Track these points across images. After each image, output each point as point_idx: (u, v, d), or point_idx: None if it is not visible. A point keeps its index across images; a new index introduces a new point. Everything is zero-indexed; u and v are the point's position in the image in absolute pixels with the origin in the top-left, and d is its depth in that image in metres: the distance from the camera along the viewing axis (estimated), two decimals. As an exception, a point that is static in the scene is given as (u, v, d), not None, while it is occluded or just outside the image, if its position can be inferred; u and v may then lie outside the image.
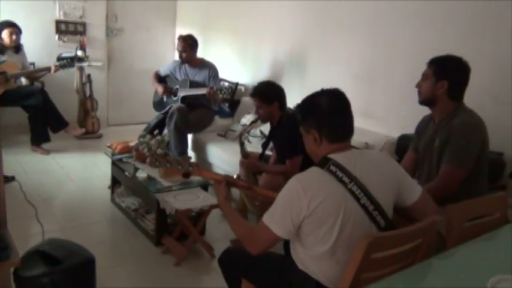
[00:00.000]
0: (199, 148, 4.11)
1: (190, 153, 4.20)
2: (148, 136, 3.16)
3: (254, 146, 4.00)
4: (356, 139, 3.28)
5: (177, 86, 4.25)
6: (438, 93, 2.17)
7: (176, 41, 4.23)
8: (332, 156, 1.54)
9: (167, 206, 2.68)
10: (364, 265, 1.37)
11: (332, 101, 1.59)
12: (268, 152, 3.32)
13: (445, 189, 2.08)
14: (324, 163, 1.52)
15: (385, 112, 3.54)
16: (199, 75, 4.21)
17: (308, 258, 1.56)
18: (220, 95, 3.85)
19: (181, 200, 2.71)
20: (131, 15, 5.70)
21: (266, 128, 4.02)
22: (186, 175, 1.92)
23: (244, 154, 3.10)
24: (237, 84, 4.86)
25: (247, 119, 4.22)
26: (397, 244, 1.46)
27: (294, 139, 2.96)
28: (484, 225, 1.78)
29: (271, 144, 3.27)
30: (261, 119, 3.06)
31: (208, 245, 2.83)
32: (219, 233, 3.14)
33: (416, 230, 1.47)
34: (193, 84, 4.14)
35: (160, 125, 4.50)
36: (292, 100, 4.26)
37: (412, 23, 3.28)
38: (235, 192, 3.33)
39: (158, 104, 4.44)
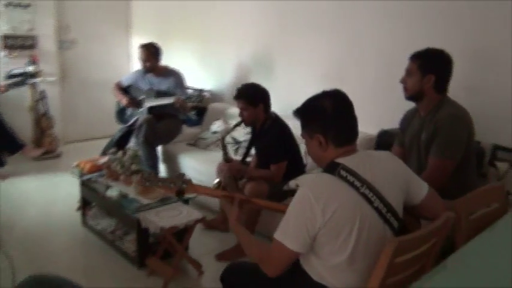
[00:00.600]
0: (170, 160, 3.95)
1: (161, 165, 4.02)
2: (120, 152, 2.97)
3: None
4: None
5: (143, 97, 4.07)
6: (425, 88, 2.16)
7: (138, 50, 4.03)
8: (340, 160, 1.47)
9: (151, 225, 2.52)
10: (389, 270, 1.31)
11: (336, 103, 1.52)
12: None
13: (435, 182, 2.06)
14: (333, 168, 1.45)
15: (358, 110, 3.51)
16: (165, 84, 4.04)
17: (324, 269, 1.48)
18: (190, 103, 3.71)
19: (165, 217, 2.56)
20: (84, 26, 5.43)
21: (239, 134, 3.94)
22: (180, 193, 1.79)
23: (227, 158, 3.00)
24: (201, 90, 4.73)
25: (217, 126, 4.11)
26: (418, 245, 1.40)
27: (280, 144, 2.90)
28: (485, 217, 1.77)
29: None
30: (246, 121, 2.97)
31: (196, 261, 2.69)
32: (203, 248, 3.01)
33: (435, 228, 1.43)
34: (160, 94, 3.97)
35: (124, 138, 4.33)
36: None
37: (379, 19, 3.29)
38: (215, 202, 3.22)
39: (122, 117, 4.24)
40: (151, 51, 3.98)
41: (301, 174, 2.94)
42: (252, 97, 2.91)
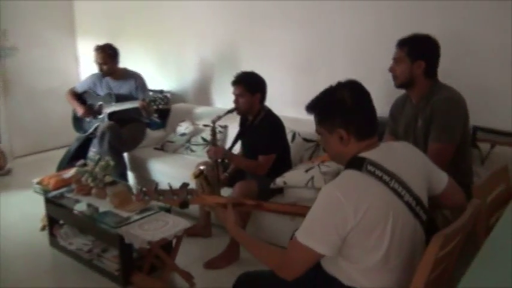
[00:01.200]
0: (139, 166, 3.72)
1: (129, 173, 3.78)
2: (91, 164, 2.73)
3: (198, 154, 3.74)
4: (311, 132, 3.22)
5: (101, 103, 3.80)
6: (415, 74, 2.13)
7: (93, 52, 3.75)
8: (364, 154, 1.38)
9: (136, 239, 2.32)
10: (434, 266, 1.24)
11: (355, 94, 1.42)
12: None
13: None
14: (359, 164, 1.36)
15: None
16: (125, 87, 3.79)
17: (356, 271, 1.38)
18: (155, 106, 3.50)
19: (151, 230, 2.37)
20: (23, 30, 4.98)
21: (207, 134, 3.78)
22: (184, 205, 1.62)
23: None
24: (161, 91, 4.51)
25: (184, 128, 3.93)
26: (455, 237, 1.34)
27: (273, 136, 2.81)
28: (497, 200, 1.76)
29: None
30: (241, 109, 2.87)
31: (186, 273, 2.52)
32: (188, 257, 2.82)
33: (470, 217, 1.37)
34: (120, 98, 3.72)
35: (83, 148, 4.04)
36: (229, 99, 4.08)
37: (348, 7, 3.24)
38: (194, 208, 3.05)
39: (80, 125, 3.95)
40: (108, 53, 3.71)
41: (287, 171, 2.85)
42: (251, 84, 2.83)
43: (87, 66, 5.55)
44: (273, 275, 1.62)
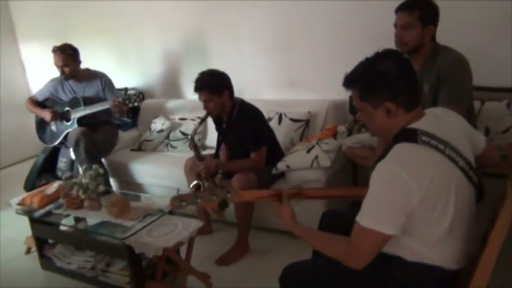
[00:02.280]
0: (120, 171, 3.50)
1: (111, 179, 3.56)
2: (81, 174, 2.52)
3: (180, 149, 3.59)
4: (297, 111, 3.18)
5: (67, 108, 3.52)
6: (425, 40, 2.10)
7: (53, 55, 3.45)
8: (414, 125, 1.34)
9: (149, 248, 2.17)
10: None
11: (399, 64, 1.36)
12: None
13: None
14: (413, 136, 1.30)
15: (311, 78, 3.43)
16: (90, 89, 3.54)
17: (421, 246, 1.34)
18: (130, 104, 3.29)
19: (162, 236, 2.23)
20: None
21: (187, 128, 3.64)
22: (224, 205, 1.50)
23: (200, 157, 2.70)
24: (126, 89, 4.28)
25: (161, 124, 3.75)
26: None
27: (257, 129, 2.69)
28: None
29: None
30: (213, 113, 2.69)
31: (204, 274, 2.41)
32: (196, 257, 2.67)
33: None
34: (87, 101, 3.47)
35: (51, 159, 3.77)
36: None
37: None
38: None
39: (47, 135, 3.66)
40: (69, 54, 3.43)
41: (282, 156, 2.77)
42: (215, 85, 2.62)
43: (35, 72, 5.19)
44: (322, 265, 1.57)
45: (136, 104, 3.30)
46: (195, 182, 2.63)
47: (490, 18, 2.68)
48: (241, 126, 2.67)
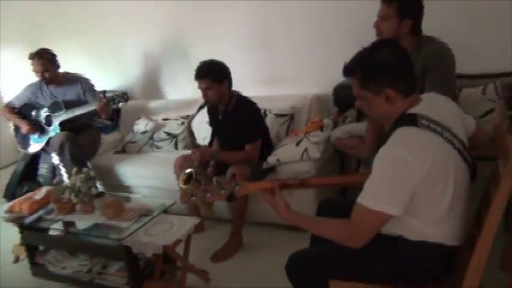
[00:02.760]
0: (106, 174, 3.47)
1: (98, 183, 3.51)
2: (73, 177, 2.49)
3: (165, 150, 3.59)
4: (281, 106, 3.23)
5: (48, 113, 3.46)
6: (401, 32, 2.17)
7: (31, 61, 3.38)
8: (413, 110, 1.41)
9: (147, 247, 2.18)
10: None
11: (397, 51, 1.42)
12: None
13: None
14: (413, 120, 1.37)
15: (292, 73, 3.49)
16: (71, 93, 3.49)
17: (424, 225, 1.41)
18: (114, 106, 3.26)
19: (160, 234, 2.24)
20: None
21: (171, 128, 3.64)
22: (231, 198, 1.53)
23: (196, 145, 2.74)
24: (104, 92, 4.21)
25: (144, 125, 3.73)
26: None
27: (253, 122, 2.73)
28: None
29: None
30: (211, 101, 2.72)
31: (202, 270, 2.43)
32: (191, 255, 2.71)
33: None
34: (69, 105, 3.41)
35: (31, 166, 3.70)
36: (183, 88, 3.95)
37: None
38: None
39: (28, 141, 3.58)
40: (47, 59, 3.38)
41: (272, 150, 2.82)
42: (216, 74, 2.67)
43: (6, 78, 5.06)
44: (326, 250, 1.62)
45: (120, 104, 3.27)
46: (188, 170, 2.62)
47: (465, 6, 2.78)
48: (238, 118, 2.72)
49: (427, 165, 1.32)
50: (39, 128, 3.49)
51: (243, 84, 3.63)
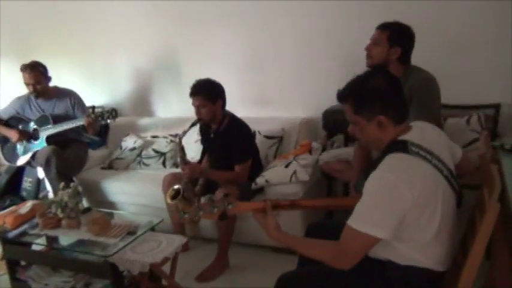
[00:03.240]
0: (92, 190, 3.43)
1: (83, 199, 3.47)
2: (60, 192, 2.47)
3: (153, 167, 3.58)
4: (271, 128, 3.27)
5: (35, 127, 3.44)
6: (390, 59, 2.25)
7: (22, 73, 3.37)
8: (404, 137, 1.46)
9: (134, 265, 2.16)
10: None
11: (389, 80, 1.48)
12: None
13: None
14: (403, 146, 1.42)
15: (282, 96, 3.55)
16: (59, 107, 3.48)
17: (412, 249, 1.45)
18: (102, 122, 3.26)
19: (147, 252, 2.23)
20: None
21: (159, 146, 3.65)
22: (223, 217, 1.54)
23: (186, 161, 2.76)
24: (93, 107, 4.20)
25: (133, 142, 3.73)
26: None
27: (244, 142, 2.76)
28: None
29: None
30: (204, 119, 2.75)
31: (187, 289, 2.42)
32: (176, 273, 2.69)
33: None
34: (56, 119, 3.40)
35: (14, 180, 3.65)
36: (172, 107, 3.97)
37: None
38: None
39: (13, 154, 3.54)
40: (39, 72, 3.38)
41: (261, 171, 2.85)
42: (210, 93, 2.72)
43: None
44: (316, 271, 1.64)
45: (109, 120, 3.27)
46: (176, 186, 2.61)
47: (449, 38, 2.89)
48: (230, 137, 2.75)
49: (417, 191, 1.36)
50: (27, 138, 3.46)
51: (233, 104, 3.66)
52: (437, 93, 2.26)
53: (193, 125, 2.78)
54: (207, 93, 2.70)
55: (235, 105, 3.65)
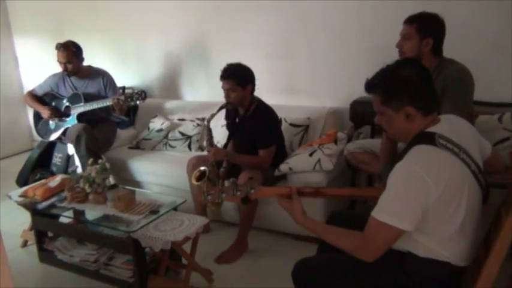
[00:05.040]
0: (119, 168, 3.51)
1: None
2: (89, 167, 2.55)
3: (178, 149, 3.63)
4: (297, 117, 3.26)
5: (67, 104, 3.54)
6: (423, 51, 2.21)
7: (56, 52, 3.46)
8: (432, 129, 1.44)
9: (156, 242, 2.21)
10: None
11: (419, 70, 1.46)
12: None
13: None
14: (431, 139, 1.40)
15: (311, 85, 3.53)
16: (92, 86, 3.56)
17: (433, 242, 1.43)
18: (132, 103, 3.31)
19: (169, 230, 2.27)
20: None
21: (186, 128, 3.69)
22: (246, 201, 1.56)
23: (212, 143, 2.80)
24: (124, 88, 4.27)
25: (160, 124, 3.79)
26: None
27: (270, 128, 2.78)
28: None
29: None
30: (232, 103, 2.77)
31: (207, 270, 2.46)
32: (196, 254, 2.74)
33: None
34: (88, 98, 3.48)
35: (45, 155, 3.76)
36: (200, 91, 4.01)
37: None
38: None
39: (44, 129, 3.65)
40: (72, 51, 3.45)
41: (285, 158, 2.86)
42: (241, 77, 2.73)
43: (28, 68, 5.16)
44: (334, 259, 1.65)
45: (138, 102, 3.32)
46: (202, 168, 2.64)
47: (488, 36, 2.81)
48: (256, 122, 2.76)
49: (442, 184, 1.34)
50: (59, 116, 3.56)
51: (261, 91, 3.66)
52: (471, 85, 2.21)
53: (221, 108, 2.80)
54: (238, 77, 2.72)
55: (263, 92, 3.65)
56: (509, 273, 1.56)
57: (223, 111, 2.95)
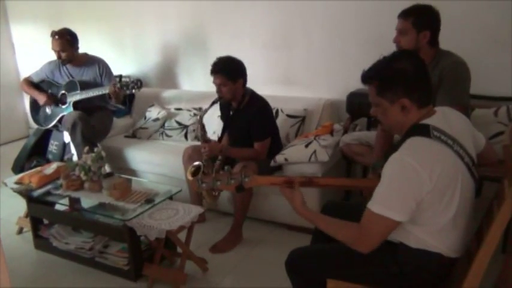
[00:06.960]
0: (115, 157, 3.51)
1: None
2: (85, 155, 2.55)
3: (174, 139, 3.63)
4: (294, 108, 3.26)
5: (63, 91, 3.53)
6: (421, 44, 2.21)
7: (51, 39, 3.45)
8: (427, 121, 1.44)
9: (151, 231, 2.22)
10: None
11: (415, 62, 1.46)
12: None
13: None
14: (425, 131, 1.41)
15: (308, 76, 3.52)
16: (88, 74, 3.55)
17: (426, 234, 1.45)
18: (127, 91, 3.30)
19: (165, 219, 2.28)
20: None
21: (182, 118, 3.68)
22: (240, 189, 1.57)
23: (206, 139, 2.78)
24: (120, 76, 4.27)
25: (157, 113, 3.78)
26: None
27: (264, 120, 2.77)
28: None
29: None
30: (224, 97, 2.75)
31: (201, 259, 2.47)
32: (191, 243, 2.75)
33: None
34: (84, 85, 3.47)
35: (41, 142, 3.76)
36: (198, 81, 4.00)
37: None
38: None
39: (40, 116, 3.65)
40: (66, 39, 3.44)
41: (281, 149, 2.86)
42: (231, 72, 2.70)
43: (25, 54, 5.14)
44: (327, 249, 1.66)
45: (134, 91, 3.31)
46: (196, 163, 2.65)
47: (487, 28, 2.81)
48: (249, 115, 2.75)
49: (435, 176, 1.35)
50: (55, 102, 3.55)
51: (259, 82, 3.67)
52: (467, 77, 2.21)
53: (213, 103, 2.78)
54: (228, 72, 2.69)
55: (260, 82, 3.66)
56: (500, 267, 1.57)
57: (218, 104, 2.94)
